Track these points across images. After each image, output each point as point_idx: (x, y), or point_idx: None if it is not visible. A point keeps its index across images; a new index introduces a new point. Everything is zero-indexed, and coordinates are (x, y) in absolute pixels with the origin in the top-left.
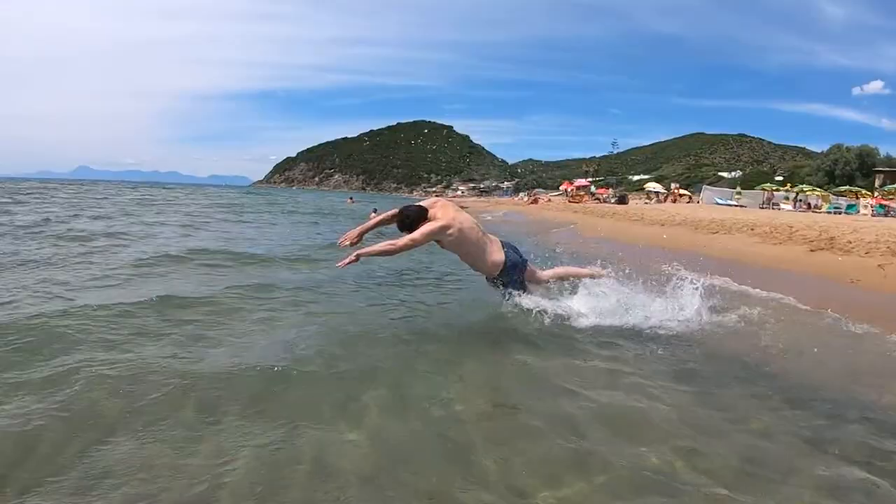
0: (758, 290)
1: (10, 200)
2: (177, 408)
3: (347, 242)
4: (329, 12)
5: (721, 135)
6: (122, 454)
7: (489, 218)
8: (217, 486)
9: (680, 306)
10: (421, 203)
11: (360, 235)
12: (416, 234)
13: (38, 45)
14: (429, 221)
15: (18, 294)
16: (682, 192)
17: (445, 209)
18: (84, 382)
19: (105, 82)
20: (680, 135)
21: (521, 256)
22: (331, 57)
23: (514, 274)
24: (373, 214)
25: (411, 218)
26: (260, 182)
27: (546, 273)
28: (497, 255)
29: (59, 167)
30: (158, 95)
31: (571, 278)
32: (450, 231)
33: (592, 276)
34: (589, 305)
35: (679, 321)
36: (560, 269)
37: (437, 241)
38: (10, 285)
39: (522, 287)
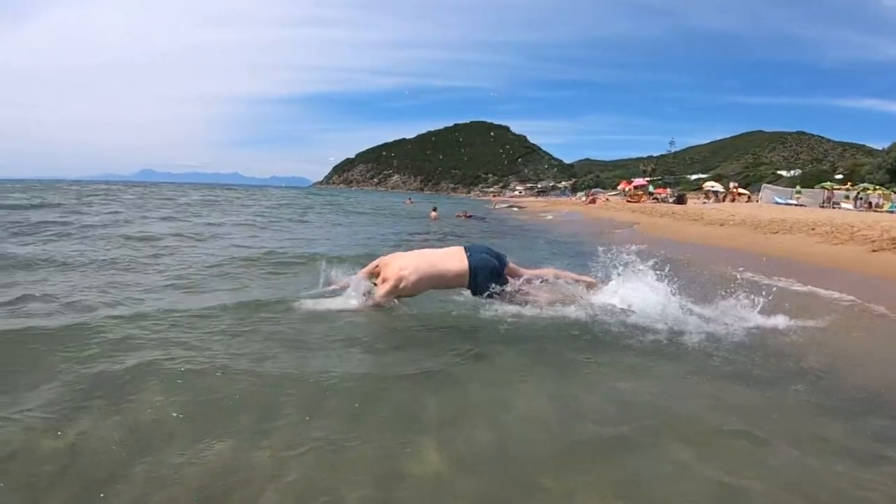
0: (821, 290)
1: (77, 201)
2: (248, 411)
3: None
4: (385, 16)
5: (779, 132)
6: (198, 458)
7: (550, 217)
8: (277, 489)
9: (743, 308)
10: (368, 266)
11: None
12: (380, 298)
13: (101, 54)
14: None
15: (89, 294)
16: (741, 191)
17: (388, 267)
18: (162, 384)
19: (167, 88)
20: (737, 133)
21: (494, 257)
22: (387, 60)
23: (486, 276)
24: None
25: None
26: (319, 183)
27: (532, 271)
28: (458, 265)
29: (123, 170)
30: (219, 100)
31: (563, 280)
32: (402, 285)
33: (590, 285)
34: (648, 307)
35: (743, 324)
36: (548, 271)
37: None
38: (81, 286)
39: (500, 286)
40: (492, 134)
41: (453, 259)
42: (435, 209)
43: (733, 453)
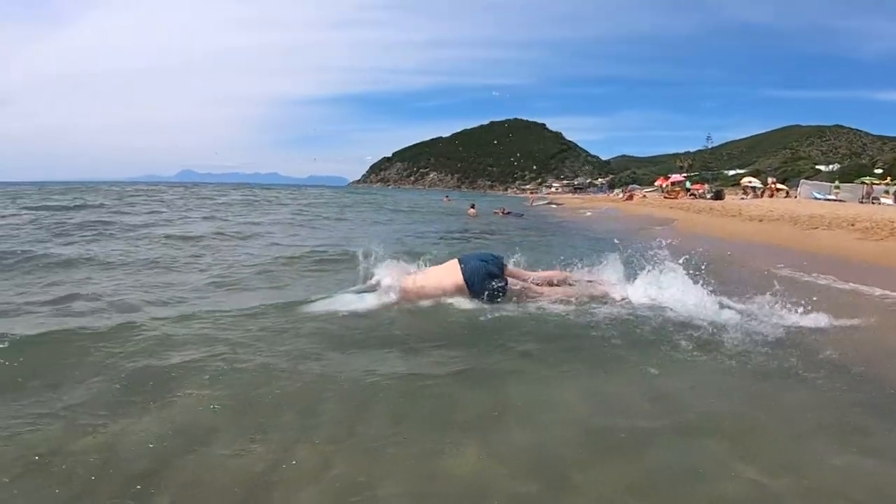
0: (864, 287)
1: (119, 202)
2: (290, 409)
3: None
4: (420, 17)
5: (817, 126)
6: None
7: (588, 214)
8: (318, 487)
9: (782, 306)
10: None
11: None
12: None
13: (139, 58)
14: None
15: (132, 293)
16: (779, 186)
17: (410, 277)
18: (204, 382)
19: (205, 90)
20: (774, 127)
21: (489, 261)
22: (422, 60)
23: (481, 280)
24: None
25: None
26: (357, 182)
27: (538, 274)
28: (454, 278)
29: (164, 171)
30: (257, 101)
31: (559, 282)
32: (405, 296)
33: (600, 287)
34: (686, 304)
35: (782, 321)
36: (555, 273)
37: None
38: (124, 285)
39: (502, 291)
40: (527, 131)
41: (450, 275)
42: (473, 206)
43: (771, 451)
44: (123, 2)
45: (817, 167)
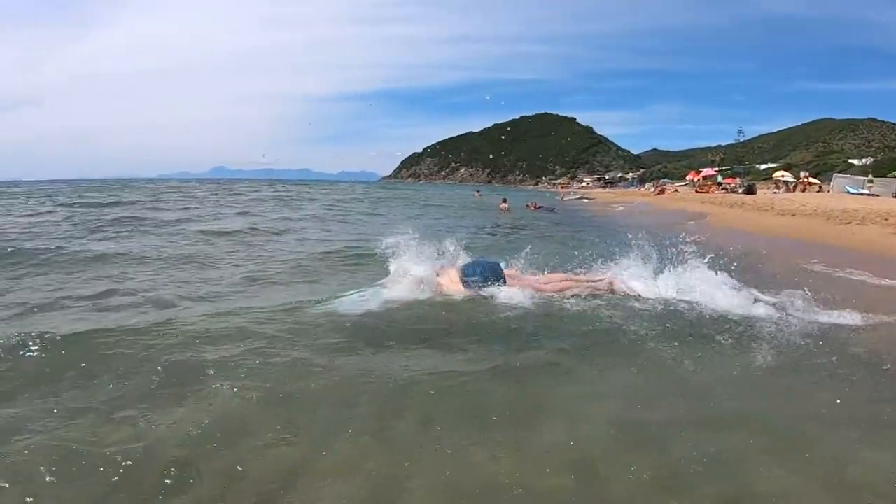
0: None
1: (153, 199)
2: (324, 405)
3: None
4: (448, 11)
5: (849, 119)
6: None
7: (620, 209)
8: (350, 482)
9: (816, 301)
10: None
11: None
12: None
13: (170, 58)
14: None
15: (168, 288)
16: (812, 180)
17: (438, 275)
18: (239, 377)
19: (236, 88)
20: (806, 120)
21: (487, 268)
22: (451, 55)
23: (482, 284)
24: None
25: None
26: (388, 177)
27: (538, 278)
28: (456, 286)
29: (196, 168)
30: (287, 99)
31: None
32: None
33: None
34: (720, 299)
35: (816, 317)
36: (557, 276)
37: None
38: (160, 280)
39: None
40: (558, 126)
41: (453, 283)
42: (505, 200)
43: (801, 445)
44: (154, 3)
45: (850, 161)
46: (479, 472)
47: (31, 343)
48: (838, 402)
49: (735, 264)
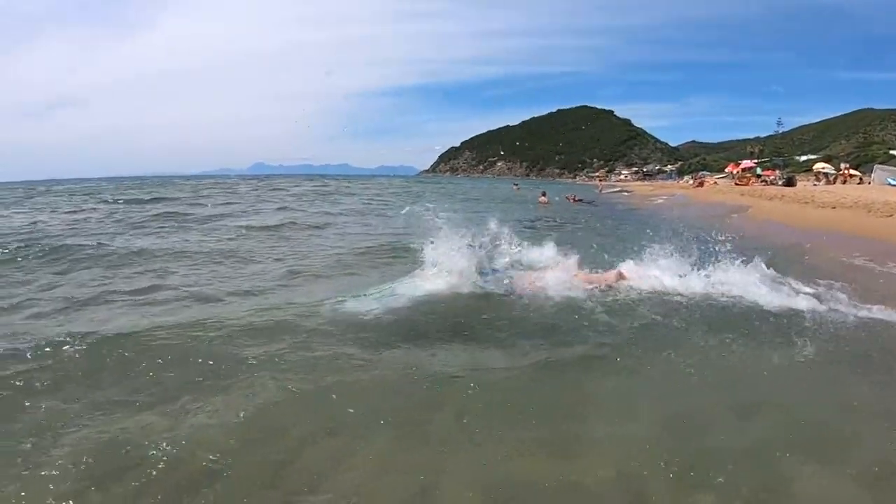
0: None
1: (194, 195)
2: (362, 401)
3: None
4: (480, 7)
5: (891, 110)
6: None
7: (659, 201)
8: (386, 481)
9: (858, 295)
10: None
11: None
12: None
13: (210, 57)
14: None
15: (211, 283)
16: (852, 172)
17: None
18: (277, 374)
19: (275, 85)
20: (847, 111)
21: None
22: (486, 49)
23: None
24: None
25: None
26: (426, 171)
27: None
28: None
29: (236, 164)
30: (325, 95)
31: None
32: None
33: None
34: (760, 293)
35: (857, 311)
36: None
37: None
38: (203, 275)
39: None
40: (595, 118)
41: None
42: (544, 194)
43: (838, 437)
44: (192, 3)
45: (891, 152)
46: (518, 468)
47: (76, 338)
48: (877, 395)
49: (777, 258)
